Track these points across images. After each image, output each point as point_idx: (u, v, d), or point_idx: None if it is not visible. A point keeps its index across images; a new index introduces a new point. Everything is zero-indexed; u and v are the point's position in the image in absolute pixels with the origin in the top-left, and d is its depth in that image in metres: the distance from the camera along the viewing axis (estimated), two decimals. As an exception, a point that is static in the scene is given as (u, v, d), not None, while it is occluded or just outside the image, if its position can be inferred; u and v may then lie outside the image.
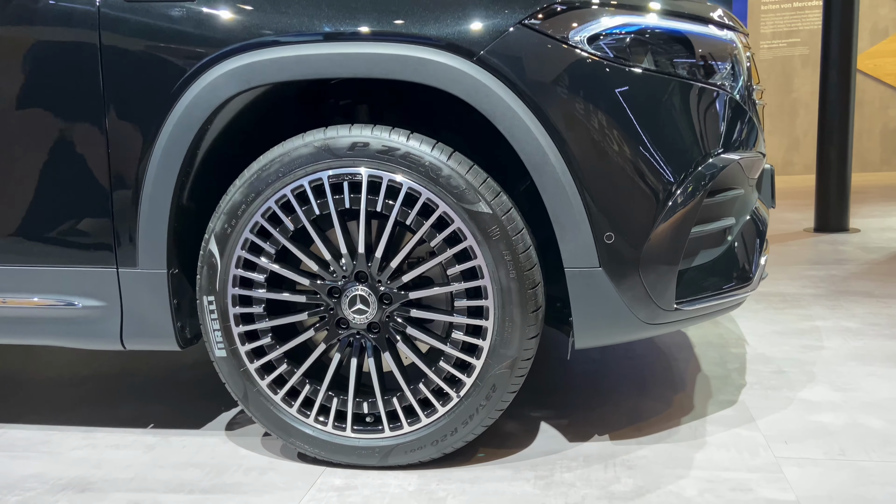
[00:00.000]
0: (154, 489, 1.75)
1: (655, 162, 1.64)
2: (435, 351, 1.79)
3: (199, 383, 2.48)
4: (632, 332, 1.71)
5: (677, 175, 1.66)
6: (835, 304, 3.12)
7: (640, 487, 1.66)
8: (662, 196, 1.64)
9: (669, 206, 1.65)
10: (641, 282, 1.66)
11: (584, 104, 1.61)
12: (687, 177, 1.66)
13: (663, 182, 1.64)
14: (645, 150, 1.63)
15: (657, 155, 1.64)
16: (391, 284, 1.73)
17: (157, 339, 1.89)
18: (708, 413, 2.05)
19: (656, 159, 1.64)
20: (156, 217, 1.79)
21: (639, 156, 1.63)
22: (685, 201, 1.66)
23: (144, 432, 2.09)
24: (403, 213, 1.69)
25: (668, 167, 1.65)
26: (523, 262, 1.66)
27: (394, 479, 1.75)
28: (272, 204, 1.73)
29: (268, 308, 1.80)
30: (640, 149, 1.63)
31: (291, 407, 1.81)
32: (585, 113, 1.61)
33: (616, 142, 1.62)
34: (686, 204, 1.66)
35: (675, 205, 1.65)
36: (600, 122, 1.61)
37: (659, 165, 1.64)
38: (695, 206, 1.67)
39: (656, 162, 1.64)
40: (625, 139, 1.62)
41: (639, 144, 1.63)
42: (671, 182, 1.65)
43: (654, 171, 1.64)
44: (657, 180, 1.64)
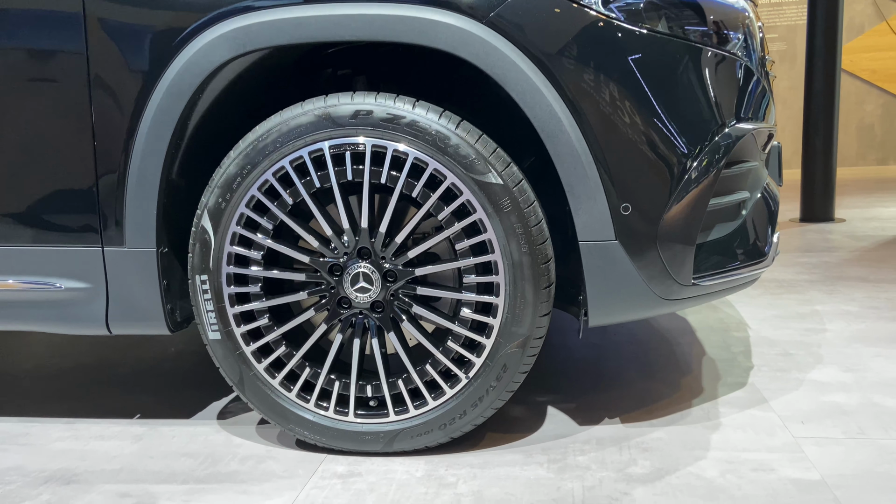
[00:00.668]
0: (144, 480, 1.65)
1: (673, 130, 1.57)
2: (442, 330, 1.71)
3: (185, 373, 2.38)
4: (648, 308, 1.64)
5: (695, 144, 1.59)
6: (832, 289, 3.09)
7: (659, 469, 1.59)
8: (681, 165, 1.58)
9: (688, 175, 1.58)
10: (659, 255, 1.59)
11: (600, 68, 1.54)
12: (705, 146, 1.60)
13: (681, 150, 1.58)
14: (662, 117, 1.56)
15: (675, 122, 1.57)
16: (396, 261, 1.65)
17: (146, 322, 1.78)
18: (719, 395, 1.99)
19: (674, 127, 1.57)
20: (144, 192, 1.69)
21: (656, 123, 1.56)
22: (704, 171, 1.60)
23: (130, 423, 1.98)
24: (409, 185, 1.61)
25: (687, 135, 1.58)
26: (536, 235, 1.59)
27: (400, 466, 1.66)
28: (269, 176, 1.64)
29: (265, 287, 1.70)
30: (658, 116, 1.56)
31: (290, 391, 1.72)
32: (601, 78, 1.54)
33: (632, 108, 1.55)
34: (705, 173, 1.60)
35: (693, 174, 1.59)
36: (616, 88, 1.54)
37: (677, 133, 1.57)
38: (714, 175, 1.61)
39: (674, 130, 1.57)
40: (641, 106, 1.55)
41: (656, 111, 1.56)
42: (689, 151, 1.59)
43: (672, 138, 1.57)
44: (675, 149, 1.57)
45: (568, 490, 1.52)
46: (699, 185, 1.59)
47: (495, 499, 1.50)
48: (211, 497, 1.56)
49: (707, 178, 1.60)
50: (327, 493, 1.56)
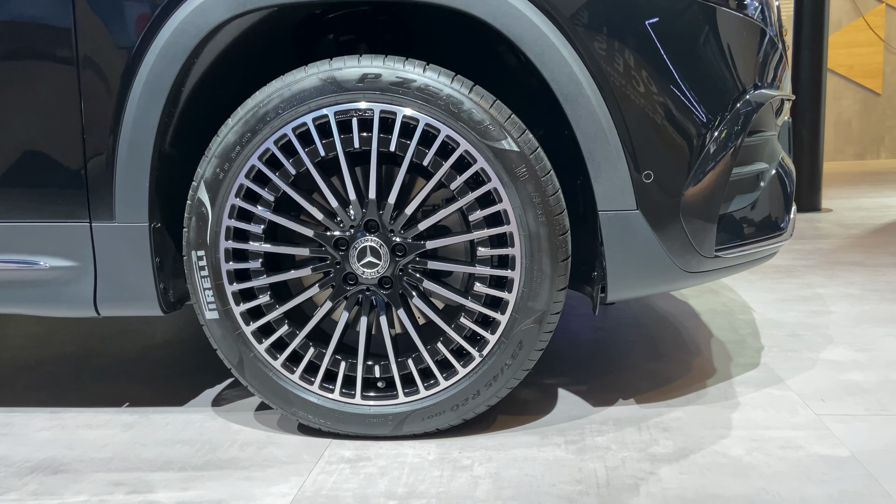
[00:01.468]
0: (138, 468, 1.55)
1: (696, 94, 1.51)
2: (454, 307, 1.63)
3: (175, 362, 2.27)
4: (669, 281, 1.58)
5: (719, 109, 1.53)
6: (830, 274, 3.06)
7: (682, 449, 1.53)
8: (705, 130, 1.52)
9: (712, 141, 1.52)
10: (682, 225, 1.53)
11: (621, 29, 1.47)
12: (729, 111, 1.54)
13: (705, 116, 1.52)
14: (685, 81, 1.50)
15: (698, 87, 1.51)
16: (405, 234, 1.57)
17: (137, 303, 1.68)
18: (733, 375, 1.93)
19: (697, 91, 1.51)
20: (136, 163, 1.59)
21: (679, 87, 1.50)
22: (728, 137, 1.54)
23: (119, 411, 1.87)
24: (420, 154, 1.52)
25: (710, 100, 1.52)
26: (553, 205, 1.51)
27: (410, 449, 1.58)
28: (271, 145, 1.55)
29: (266, 263, 1.61)
30: (680, 80, 1.50)
31: (293, 373, 1.63)
32: (622, 38, 1.47)
33: (655, 71, 1.49)
34: (729, 140, 1.54)
35: (717, 141, 1.53)
36: (638, 48, 1.48)
37: (700, 98, 1.51)
38: (739, 142, 1.55)
39: (697, 94, 1.51)
40: (664, 68, 1.49)
41: (679, 75, 1.49)
42: (713, 116, 1.52)
43: (695, 103, 1.51)
44: (699, 114, 1.51)
45: (590, 471, 1.45)
46: (723, 152, 1.53)
47: (515, 480, 1.43)
48: (211, 484, 1.47)
49: (731, 145, 1.54)
50: (336, 478, 1.47)
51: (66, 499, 1.44)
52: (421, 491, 1.40)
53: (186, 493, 1.43)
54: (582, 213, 1.74)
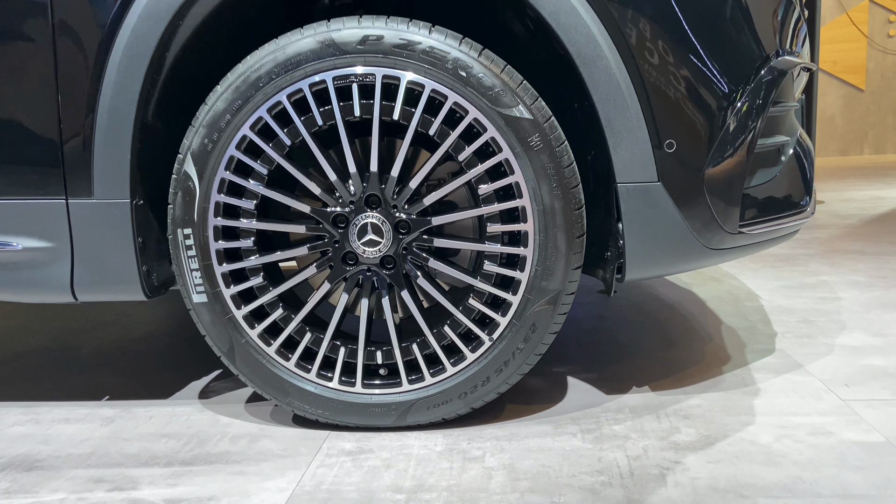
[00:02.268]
0: (121, 464, 1.43)
1: (721, 58, 1.41)
2: (461, 288, 1.53)
3: (157, 355, 2.14)
4: (691, 259, 1.48)
5: (744, 74, 1.44)
6: (833, 262, 3.00)
7: (706, 436, 1.43)
8: (729, 96, 1.42)
9: (736, 108, 1.43)
10: (706, 198, 1.43)
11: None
12: (753, 77, 1.45)
13: (730, 80, 1.42)
14: (709, 43, 1.40)
15: (722, 49, 1.42)
16: (409, 210, 1.46)
17: (118, 287, 1.55)
18: (749, 361, 1.85)
19: (722, 54, 1.42)
20: (116, 134, 1.47)
21: (702, 50, 1.40)
22: (754, 104, 1.44)
23: (99, 405, 1.75)
24: (425, 122, 1.42)
25: (735, 64, 1.43)
26: (569, 177, 1.41)
27: (415, 440, 1.47)
28: (264, 113, 1.43)
29: (258, 242, 1.50)
30: (704, 42, 1.40)
31: (288, 360, 1.51)
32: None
33: (677, 32, 1.39)
34: (755, 107, 1.45)
35: (742, 108, 1.43)
36: (659, 8, 1.38)
37: (725, 61, 1.42)
38: (765, 110, 1.45)
39: (722, 58, 1.41)
40: (686, 30, 1.39)
41: (702, 37, 1.40)
42: (738, 81, 1.43)
43: (720, 67, 1.41)
44: (723, 79, 1.42)
45: (611, 461, 1.35)
46: (749, 120, 1.44)
47: (531, 472, 1.32)
48: (200, 479, 1.35)
49: (757, 114, 1.45)
50: (337, 471, 1.36)
51: (41, 497, 1.31)
52: (430, 484, 1.30)
53: (174, 490, 1.31)
54: (593, 190, 1.64)
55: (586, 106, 1.59)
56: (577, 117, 1.63)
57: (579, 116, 1.64)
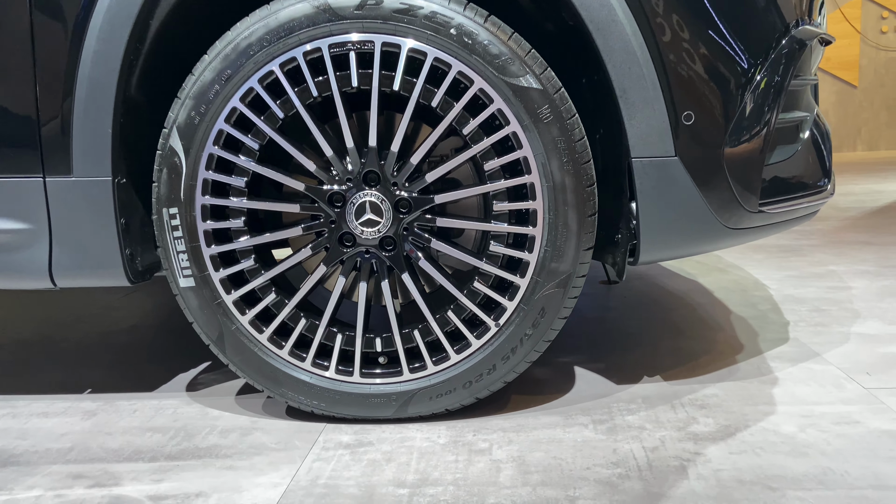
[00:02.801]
0: (102, 459, 1.33)
1: (742, 24, 1.34)
2: (466, 271, 1.44)
3: (142, 347, 2.04)
4: (710, 239, 1.40)
5: (766, 41, 1.36)
6: (839, 252, 2.93)
7: (726, 427, 1.35)
8: (751, 65, 1.35)
9: (758, 77, 1.35)
10: (725, 174, 1.35)
11: (658, -51, 1.29)
12: (775, 46, 1.37)
13: (752, 48, 1.34)
14: (732, 8, 1.32)
15: (743, 15, 1.34)
16: (410, 187, 1.37)
17: (99, 271, 1.46)
18: (763, 350, 1.77)
19: (742, 20, 1.34)
20: (96, 107, 1.37)
21: (725, 16, 1.32)
22: (775, 74, 1.37)
23: (80, 398, 1.65)
24: (427, 93, 1.33)
25: (756, 30, 1.35)
26: (580, 151, 1.33)
27: (417, 432, 1.39)
28: (255, 84, 1.34)
29: (249, 222, 1.40)
30: (727, 8, 1.32)
31: (282, 348, 1.42)
32: (659, -40, 1.29)
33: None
34: (776, 77, 1.37)
35: (764, 77, 1.35)
36: (678, -28, 1.30)
37: (746, 27, 1.34)
38: (787, 80, 1.38)
39: (743, 24, 1.34)
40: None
41: (725, 2, 1.32)
42: (760, 49, 1.35)
43: (741, 34, 1.33)
44: (744, 46, 1.34)
45: (626, 452, 1.27)
46: (771, 91, 1.36)
47: (542, 465, 1.24)
48: (188, 475, 1.26)
49: (779, 84, 1.37)
50: (335, 465, 1.27)
51: (15, 494, 1.22)
52: (435, 478, 1.21)
53: (159, 486, 1.22)
54: (602, 169, 1.55)
55: (595, 80, 1.51)
56: (584, 93, 1.55)
57: (587, 92, 1.56)
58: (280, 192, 1.52)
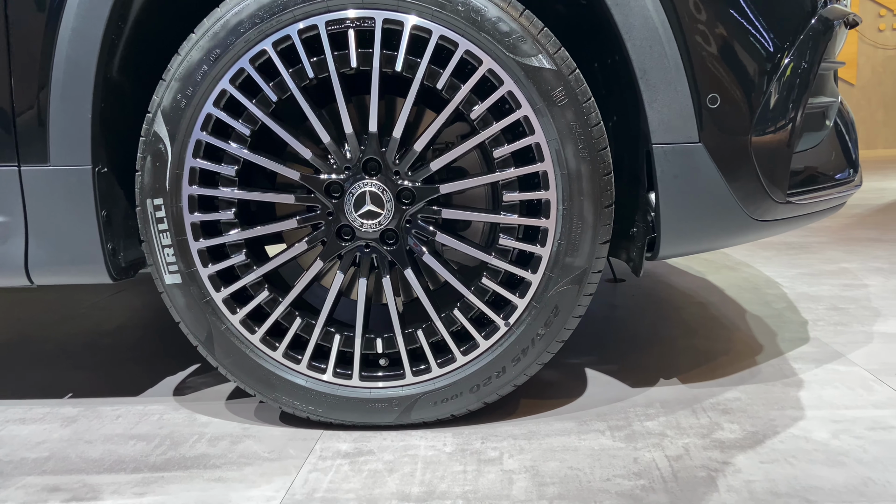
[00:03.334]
0: (81, 469, 1.23)
1: (774, 2, 1.24)
2: (473, 266, 1.35)
3: (128, 348, 1.94)
4: (736, 231, 1.31)
5: (797, 22, 1.27)
6: (849, 249, 2.84)
7: (753, 433, 1.26)
8: (780, 44, 1.25)
9: (787, 57, 1.26)
10: (753, 161, 1.26)
11: (681, -82, 1.20)
12: (805, 25, 1.28)
13: (782, 28, 1.25)
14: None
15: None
16: (414, 176, 1.27)
17: (79, 267, 1.36)
18: (784, 351, 1.68)
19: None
20: (75, 88, 1.27)
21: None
22: (805, 54, 1.28)
23: (60, 403, 1.55)
24: (432, 74, 1.23)
25: (787, 10, 1.26)
26: (597, 137, 1.23)
27: (421, 440, 1.29)
28: (245, 64, 1.24)
29: (240, 214, 1.31)
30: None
31: (275, 350, 1.33)
32: (683, -70, 1.20)
33: (721, -29, 1.22)
34: (806, 58, 1.28)
35: (793, 57, 1.26)
36: (702, -57, 1.21)
37: (778, 6, 1.25)
38: (818, 61, 1.29)
39: (775, 2, 1.24)
40: (732, -31, 1.22)
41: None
42: (790, 30, 1.26)
43: (771, 12, 1.24)
44: (775, 25, 1.25)
45: (648, 462, 1.18)
46: (801, 71, 1.27)
47: (558, 476, 1.14)
48: (174, 487, 1.16)
49: (810, 65, 1.28)
50: (333, 476, 1.17)
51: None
52: (442, 490, 1.11)
53: (141, 500, 1.12)
54: (616, 158, 1.46)
55: (608, 64, 1.42)
56: (595, 78, 1.46)
57: (599, 77, 1.47)
58: (273, 181, 1.43)
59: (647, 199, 1.31)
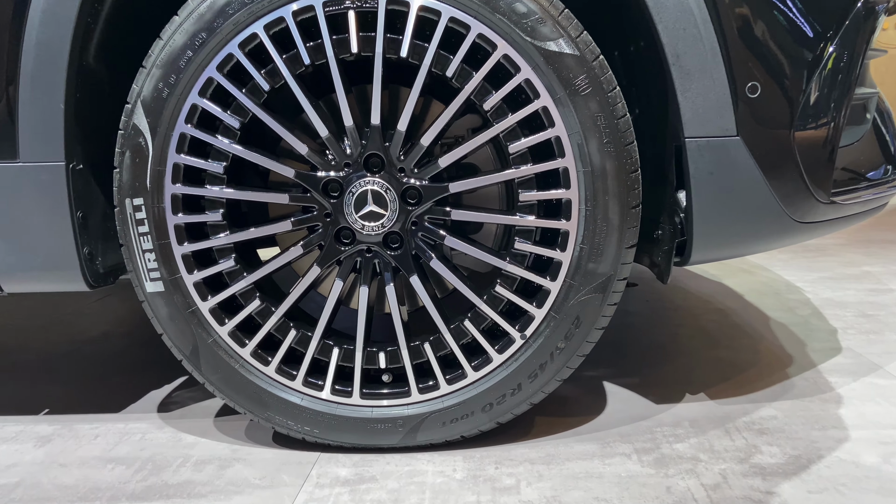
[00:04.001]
0: (52, 498, 1.11)
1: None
2: (485, 273, 1.23)
3: (112, 357, 1.82)
4: (775, 235, 1.19)
5: (844, 4, 1.15)
6: (869, 251, 2.73)
7: (796, 457, 1.14)
8: (827, 30, 1.14)
9: (834, 45, 1.14)
10: (796, 157, 1.14)
11: None
12: (852, 7, 1.16)
13: (829, 9, 1.14)
14: (801, -39, 1.12)
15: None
16: (420, 173, 1.15)
17: (53, 274, 1.24)
18: (816, 363, 1.56)
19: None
20: (46, 77, 1.15)
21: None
22: (853, 40, 1.16)
23: (35, 420, 1.42)
24: (441, 60, 1.11)
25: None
26: (623, 130, 1.12)
27: (428, 465, 1.17)
28: (235, 49, 1.12)
29: (229, 215, 1.18)
30: (795, -41, 1.12)
31: (268, 365, 1.20)
32: None
33: (762, -54, 1.10)
34: (854, 44, 1.16)
35: (841, 45, 1.15)
36: (742, -85, 1.09)
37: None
38: (865, 47, 1.17)
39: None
40: (773, -57, 1.11)
41: (794, -49, 1.11)
42: (836, 12, 1.14)
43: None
44: (821, 7, 1.13)
45: (683, 491, 1.06)
46: (847, 59, 1.16)
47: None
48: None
49: (857, 52, 1.16)
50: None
51: (-64, 549, 0.99)
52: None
53: (116, 537, 1.00)
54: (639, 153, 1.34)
55: (631, 51, 1.30)
56: (616, 69, 1.34)
57: (620, 66, 1.35)
58: (266, 180, 1.31)
59: (676, 198, 1.19)
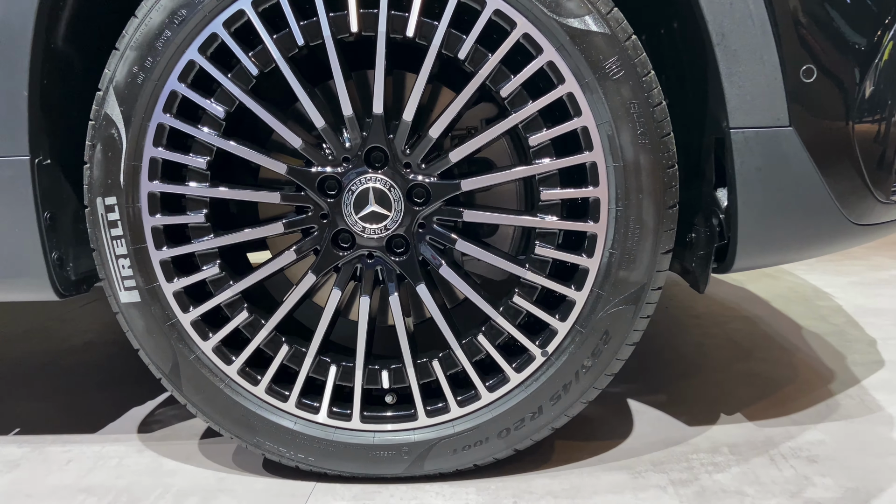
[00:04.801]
0: (8, 540, 0.98)
1: (880, -54, 1.00)
2: (501, 281, 1.10)
3: (92, 370, 1.68)
4: (829, 238, 1.06)
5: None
6: (895, 255, 2.60)
7: (853, 490, 1.01)
8: (890, 8, 1.00)
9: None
10: (856, 152, 1.01)
11: None
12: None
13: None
14: (862, -74, 0.99)
15: (880, -63, 1.00)
16: (428, 169, 1.02)
17: (17, 281, 1.11)
18: (859, 378, 1.43)
19: (879, -56, 1.00)
20: (6, 62, 1.02)
21: (854, -64, 0.98)
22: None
23: (4, 441, 1.29)
24: (453, 40, 0.98)
25: (897, -42, 1.01)
26: (660, 120, 0.98)
27: (437, 498, 1.04)
28: (219, 28, 0.99)
29: (213, 216, 1.05)
30: (855, -75, 0.98)
31: (257, 384, 1.07)
32: None
33: (818, -90, 0.97)
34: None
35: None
36: None
37: (886, -48, 1.00)
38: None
39: (882, -53, 1.00)
40: None
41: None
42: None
43: (879, -39, 0.99)
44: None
45: (730, 532, 0.93)
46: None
47: (616, 553, 0.89)
48: (122, 568, 0.90)
49: (924, 30, 1.03)
50: (327, 553, 0.92)
51: None
52: (469, 575, 0.86)
53: (78, 588, 0.87)
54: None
55: (663, 33, 1.17)
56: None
57: (648, 50, 1.22)
58: (255, 176, 1.17)
59: (715, 197, 1.06)
